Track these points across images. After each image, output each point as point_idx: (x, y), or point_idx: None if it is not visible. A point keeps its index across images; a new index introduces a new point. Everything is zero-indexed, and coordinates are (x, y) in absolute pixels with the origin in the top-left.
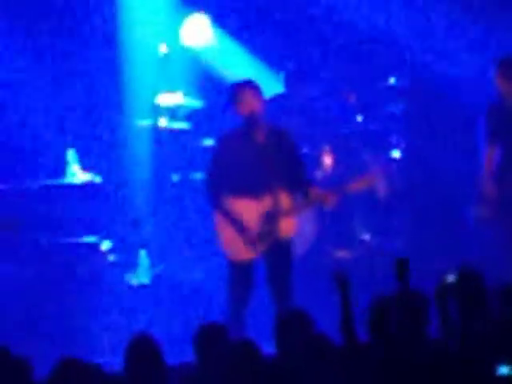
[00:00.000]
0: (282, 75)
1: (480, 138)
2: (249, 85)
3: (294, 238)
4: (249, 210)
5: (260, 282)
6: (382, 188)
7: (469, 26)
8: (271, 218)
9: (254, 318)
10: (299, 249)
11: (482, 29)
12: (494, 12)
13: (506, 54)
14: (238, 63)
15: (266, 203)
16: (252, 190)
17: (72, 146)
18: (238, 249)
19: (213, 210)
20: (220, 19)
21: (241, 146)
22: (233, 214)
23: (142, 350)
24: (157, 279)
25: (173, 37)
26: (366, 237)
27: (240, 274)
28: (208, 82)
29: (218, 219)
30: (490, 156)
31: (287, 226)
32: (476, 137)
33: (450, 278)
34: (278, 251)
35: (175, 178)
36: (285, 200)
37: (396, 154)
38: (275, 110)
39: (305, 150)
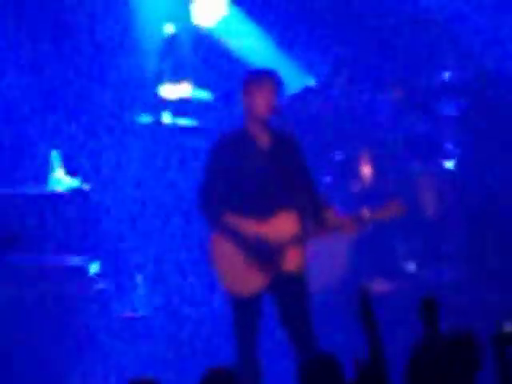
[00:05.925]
0: (314, 65)
1: None
2: (268, 76)
3: (313, 271)
4: None
5: (270, 316)
6: (431, 205)
7: None
8: (275, 246)
9: (269, 360)
10: (325, 283)
11: None
12: None
13: None
14: (257, 48)
15: (269, 227)
16: (254, 210)
17: (57, 147)
18: (240, 280)
19: (210, 232)
20: None
21: (242, 153)
22: (239, 233)
23: None
24: (156, 311)
25: (181, 16)
26: (411, 266)
27: (244, 311)
28: (221, 71)
29: (216, 243)
30: None
31: (295, 258)
32: None
33: (510, 327)
34: (288, 289)
35: (181, 185)
36: (292, 224)
37: (450, 163)
38: (301, 106)
39: (338, 156)
